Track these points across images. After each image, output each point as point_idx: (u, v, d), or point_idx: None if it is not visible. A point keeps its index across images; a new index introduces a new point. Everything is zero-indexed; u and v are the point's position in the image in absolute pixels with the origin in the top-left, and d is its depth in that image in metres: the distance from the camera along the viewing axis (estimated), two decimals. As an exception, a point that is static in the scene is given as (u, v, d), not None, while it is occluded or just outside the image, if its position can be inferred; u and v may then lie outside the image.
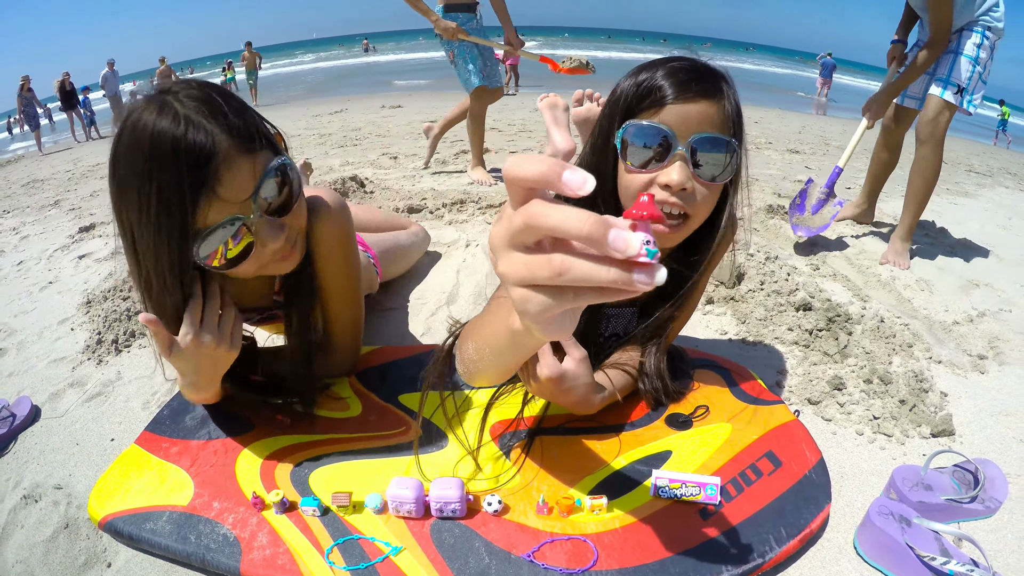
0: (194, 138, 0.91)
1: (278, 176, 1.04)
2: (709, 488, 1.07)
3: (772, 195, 3.66)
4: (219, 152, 0.93)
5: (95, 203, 3.99)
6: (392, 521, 1.07)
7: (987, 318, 2.14)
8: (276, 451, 1.23)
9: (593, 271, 0.42)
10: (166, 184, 0.91)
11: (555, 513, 1.06)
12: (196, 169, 0.92)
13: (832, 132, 8.12)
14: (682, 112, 1.01)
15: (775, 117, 9.81)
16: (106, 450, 1.41)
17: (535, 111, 7.89)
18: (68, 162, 6.84)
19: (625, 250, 0.41)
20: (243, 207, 0.99)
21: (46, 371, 1.76)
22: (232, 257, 1.03)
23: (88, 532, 1.17)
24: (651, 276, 0.42)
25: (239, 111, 0.99)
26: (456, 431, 1.27)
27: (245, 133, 0.98)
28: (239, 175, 0.97)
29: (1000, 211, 4.06)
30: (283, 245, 1.08)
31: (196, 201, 0.94)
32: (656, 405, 1.33)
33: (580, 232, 0.41)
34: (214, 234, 0.98)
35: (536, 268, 0.44)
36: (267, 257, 1.08)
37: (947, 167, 5.78)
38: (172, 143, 0.90)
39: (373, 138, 5.94)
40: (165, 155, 0.90)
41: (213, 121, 0.94)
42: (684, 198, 1.04)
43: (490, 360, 0.76)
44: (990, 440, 1.46)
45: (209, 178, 0.93)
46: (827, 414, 1.51)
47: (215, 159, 0.93)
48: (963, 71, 2.45)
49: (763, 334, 1.88)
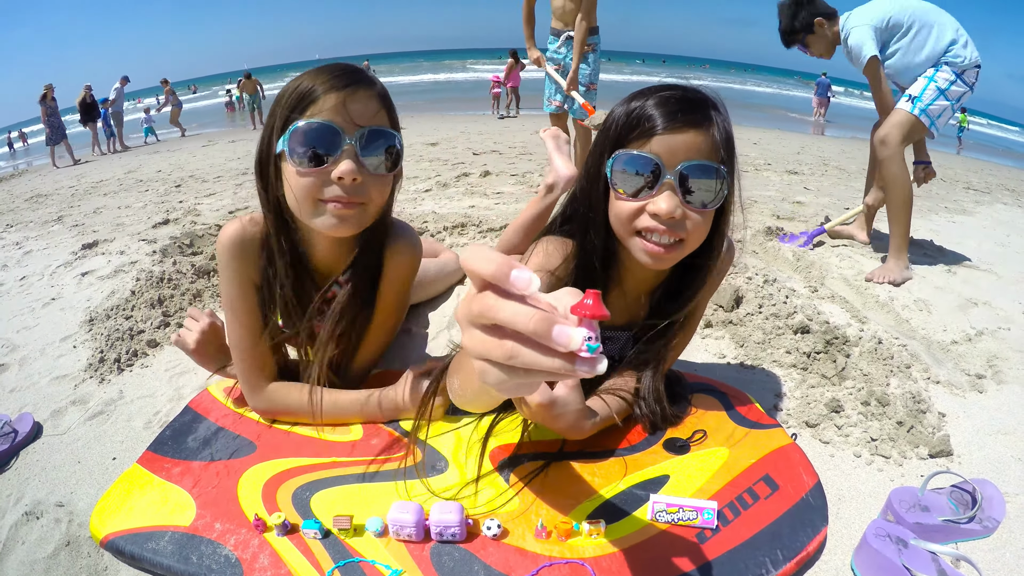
0: (351, 73, 1.14)
1: (389, 140, 1.16)
2: (706, 512, 1.08)
3: (771, 217, 3.68)
4: (363, 81, 1.14)
5: (98, 220, 4.01)
6: (393, 544, 1.07)
7: (985, 337, 2.14)
8: (278, 473, 1.24)
9: (538, 360, 0.47)
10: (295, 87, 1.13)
11: (554, 537, 1.07)
12: (340, 76, 1.12)
13: (831, 152, 8.17)
14: (670, 142, 1.04)
15: (774, 138, 9.88)
16: (108, 469, 1.41)
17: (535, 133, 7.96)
18: (72, 178, 6.90)
19: (568, 345, 0.45)
20: (348, 127, 1.10)
21: (48, 388, 1.77)
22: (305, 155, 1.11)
23: (90, 550, 1.17)
24: (592, 367, 0.47)
25: (392, 101, 1.21)
26: (457, 455, 1.29)
27: (387, 99, 1.18)
28: (366, 103, 1.13)
29: (998, 228, 4.08)
30: (349, 184, 1.11)
31: (317, 99, 1.10)
32: (653, 429, 1.34)
33: (526, 328, 0.46)
34: (318, 127, 1.10)
35: (491, 348, 0.48)
36: (318, 191, 1.12)
37: (945, 184, 5.82)
38: (329, 72, 1.13)
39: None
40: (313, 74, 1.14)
41: (372, 77, 1.17)
42: (674, 226, 1.07)
43: (473, 396, 0.78)
44: (988, 459, 1.47)
45: (341, 88, 1.10)
46: (825, 436, 1.51)
47: (360, 80, 1.13)
48: (917, 85, 2.66)
49: (761, 357, 1.89)
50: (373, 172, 1.14)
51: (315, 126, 1.09)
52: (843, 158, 7.45)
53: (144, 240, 3.19)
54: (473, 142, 7.33)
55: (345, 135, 1.09)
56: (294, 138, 1.10)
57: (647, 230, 1.08)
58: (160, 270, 2.53)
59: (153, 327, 2.09)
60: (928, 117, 2.64)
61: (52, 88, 11.45)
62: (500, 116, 12.54)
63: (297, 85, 1.14)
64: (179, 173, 6.22)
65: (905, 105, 2.66)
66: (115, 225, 3.78)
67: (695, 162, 1.04)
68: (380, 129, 1.14)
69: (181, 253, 2.90)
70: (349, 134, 1.10)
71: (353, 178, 1.10)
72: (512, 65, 13.28)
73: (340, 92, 1.09)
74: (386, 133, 1.15)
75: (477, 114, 13.51)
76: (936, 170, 3.14)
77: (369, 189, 1.15)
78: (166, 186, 5.33)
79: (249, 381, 1.36)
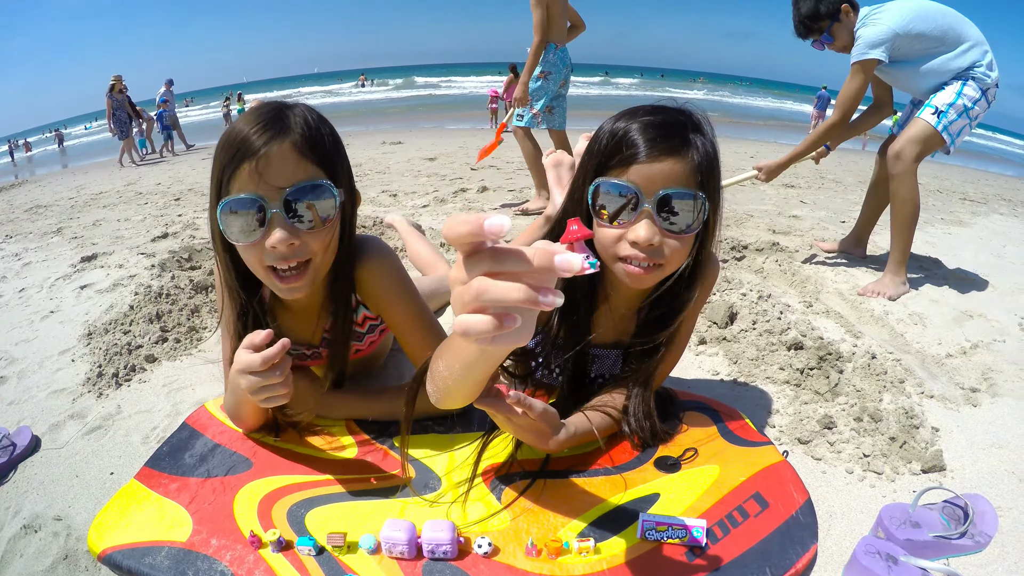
0: (267, 125, 1.07)
1: (316, 192, 1.11)
2: (696, 530, 1.09)
3: (767, 231, 3.69)
4: (277, 136, 1.07)
5: (97, 233, 4.02)
6: (385, 562, 1.08)
7: (980, 349, 2.15)
8: (273, 490, 1.25)
9: (505, 290, 0.52)
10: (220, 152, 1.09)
11: (544, 555, 1.07)
12: (253, 137, 1.06)
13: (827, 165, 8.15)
14: (648, 171, 1.07)
15: (771, 151, 9.89)
16: (106, 483, 1.42)
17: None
18: (71, 189, 6.91)
19: (571, 268, 0.52)
20: (271, 194, 1.07)
21: (47, 402, 1.78)
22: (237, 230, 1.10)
23: (87, 564, 1.18)
24: (554, 297, 0.53)
25: (322, 134, 1.14)
26: (449, 474, 1.30)
27: (310, 142, 1.10)
28: (282, 163, 1.07)
29: (994, 239, 4.08)
30: (285, 251, 1.10)
31: (236, 168, 1.06)
32: (643, 447, 1.35)
33: (531, 266, 0.53)
34: (238, 202, 1.08)
35: (500, 288, 0.53)
36: (263, 258, 1.12)
37: (941, 196, 5.83)
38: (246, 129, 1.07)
39: (373, 175, 5.98)
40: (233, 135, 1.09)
41: (290, 123, 1.09)
42: (653, 252, 1.10)
43: (460, 374, 0.80)
44: (982, 474, 1.47)
45: (253, 153, 1.05)
46: (817, 453, 1.52)
47: (274, 136, 1.07)
48: (946, 96, 2.52)
49: (755, 374, 1.90)
50: (308, 230, 1.12)
51: (237, 203, 1.08)
52: (840, 171, 7.45)
53: (143, 254, 3.20)
54: (471, 157, 7.33)
55: (269, 205, 1.07)
56: (223, 218, 1.10)
57: (629, 258, 1.12)
58: (159, 285, 2.54)
59: (151, 342, 2.10)
60: (949, 135, 2.53)
61: (121, 80, 10.53)
62: (499, 131, 12.57)
63: (220, 154, 1.11)
64: (179, 186, 6.23)
65: (930, 118, 2.52)
66: (114, 238, 3.79)
67: (672, 190, 1.07)
68: (303, 185, 1.09)
69: (180, 267, 2.91)
70: (272, 201, 1.08)
71: (289, 244, 1.10)
72: (512, 79, 13.34)
73: (252, 160, 1.06)
74: (311, 186, 1.10)
75: (476, 128, 13.54)
76: (932, 181, 3.10)
77: (309, 245, 1.14)
78: (165, 199, 5.34)
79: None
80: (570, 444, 1.25)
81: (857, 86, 2.60)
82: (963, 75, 2.53)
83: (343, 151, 1.21)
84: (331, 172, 1.15)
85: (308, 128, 1.12)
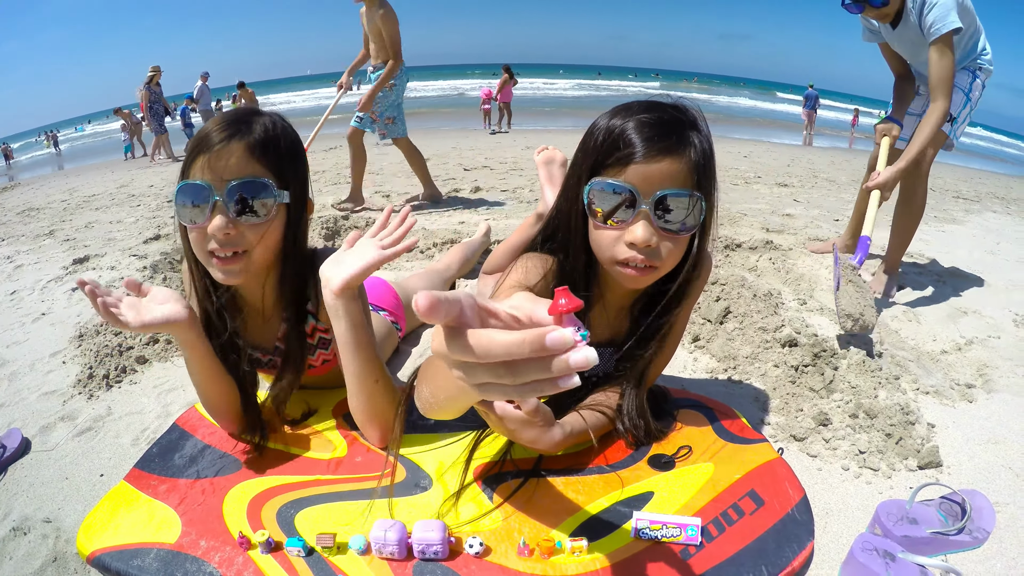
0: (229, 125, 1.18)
1: (259, 189, 1.20)
2: (690, 529, 1.07)
3: (760, 230, 3.69)
4: (237, 134, 1.17)
5: (90, 235, 4.01)
6: (375, 562, 1.07)
7: (975, 346, 2.15)
8: (262, 491, 1.24)
9: (541, 371, 0.49)
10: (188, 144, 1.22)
11: (536, 555, 1.06)
12: (216, 132, 1.17)
13: (821, 164, 8.20)
14: (645, 171, 1.05)
15: (764, 151, 9.94)
16: (95, 485, 1.42)
17: (526, 149, 7.98)
18: (64, 192, 6.87)
19: (564, 345, 0.47)
20: (216, 184, 1.17)
21: (37, 404, 1.78)
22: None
23: (76, 567, 1.18)
24: (586, 357, 0.48)
25: (279, 141, 1.23)
26: (441, 474, 1.28)
27: (265, 146, 1.20)
28: (234, 158, 1.17)
29: (988, 236, 4.10)
30: (222, 238, 1.18)
31: (195, 159, 1.17)
32: (637, 445, 1.34)
33: (523, 353, 0.48)
34: (189, 187, 1.17)
35: (494, 384, 0.51)
36: (210, 245, 1.20)
37: (934, 194, 5.84)
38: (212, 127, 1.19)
39: (366, 176, 5.92)
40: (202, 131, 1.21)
41: (251, 127, 1.19)
42: (650, 253, 1.09)
43: (445, 403, 0.79)
44: (979, 469, 1.47)
45: (210, 147, 1.16)
46: (812, 450, 1.51)
47: (234, 135, 1.17)
48: (956, 102, 2.42)
49: (749, 371, 1.89)
50: (246, 222, 1.20)
51: (189, 187, 1.17)
52: (833, 169, 7.49)
53: (135, 255, 3.20)
54: (464, 158, 7.35)
55: (214, 192, 1.16)
56: (178, 199, 1.20)
57: (626, 260, 1.10)
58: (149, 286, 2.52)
59: (142, 343, 2.09)
60: (955, 136, 2.50)
61: (160, 71, 10.34)
62: (492, 131, 12.56)
63: (188, 145, 1.24)
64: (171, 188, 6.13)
65: (946, 127, 2.41)
66: (106, 240, 3.79)
67: (670, 191, 1.05)
68: (247, 181, 1.18)
69: (171, 269, 2.91)
70: (218, 190, 1.17)
71: (225, 232, 1.17)
72: (506, 80, 13.34)
73: (208, 153, 1.16)
74: (255, 183, 1.19)
75: (469, 129, 13.53)
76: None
77: (246, 236, 1.21)
78: (158, 201, 5.33)
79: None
80: (566, 444, 1.24)
81: (951, 60, 2.27)
82: (972, 65, 2.46)
83: (300, 161, 1.30)
84: (279, 176, 1.23)
85: (266, 133, 1.22)
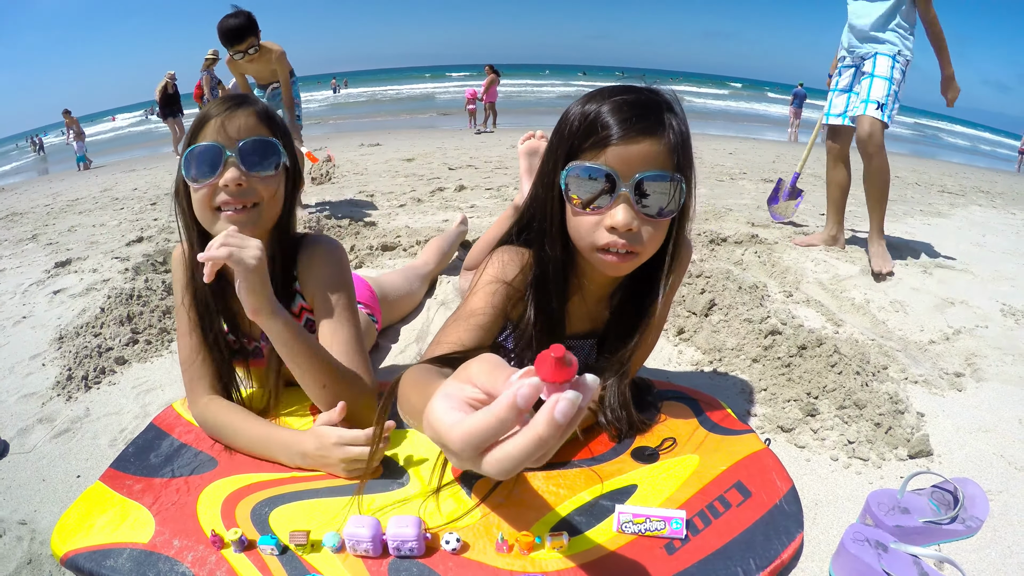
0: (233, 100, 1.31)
1: (268, 146, 1.29)
2: (674, 522, 1.04)
3: (746, 224, 3.68)
4: (243, 104, 1.29)
5: (72, 238, 3.96)
6: (350, 560, 1.04)
7: (963, 335, 2.14)
8: (237, 489, 1.21)
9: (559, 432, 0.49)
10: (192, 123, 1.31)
11: (515, 551, 1.03)
12: (221, 103, 1.29)
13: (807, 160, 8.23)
14: (624, 153, 1.02)
15: (749, 148, 9.97)
16: (72, 487, 1.40)
17: (511, 148, 7.96)
18: (47, 196, 6.79)
19: (572, 410, 0.48)
20: (228, 143, 1.25)
21: (16, 406, 1.75)
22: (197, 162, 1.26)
23: (51, 568, 1.16)
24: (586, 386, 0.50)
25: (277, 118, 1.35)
26: (418, 469, 1.25)
27: (267, 116, 1.31)
28: (243, 120, 1.27)
29: (973, 229, 4.12)
30: (235, 189, 1.24)
31: (203, 126, 1.26)
32: (620, 437, 1.31)
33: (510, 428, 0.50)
34: (201, 148, 1.25)
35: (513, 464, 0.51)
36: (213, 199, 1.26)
37: (920, 188, 5.90)
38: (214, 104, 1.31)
39: (351, 176, 5.92)
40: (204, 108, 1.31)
41: (251, 101, 1.32)
42: (631, 238, 1.05)
43: None
44: (970, 457, 1.45)
45: (219, 114, 1.26)
46: (800, 441, 1.49)
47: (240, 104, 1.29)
48: (880, 90, 2.81)
49: (735, 363, 1.87)
50: (258, 176, 1.28)
51: (201, 148, 1.25)
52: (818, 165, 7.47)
53: (117, 258, 3.16)
54: (449, 157, 7.33)
55: (226, 149, 1.24)
56: (187, 162, 1.26)
57: (607, 245, 1.06)
58: (131, 287, 2.51)
59: (122, 344, 2.07)
60: (890, 119, 2.83)
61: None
62: (477, 131, 12.53)
63: (191, 124, 1.32)
64: (155, 191, 6.14)
65: (876, 113, 2.79)
66: (89, 243, 3.74)
67: (650, 172, 1.02)
68: (258, 139, 1.27)
69: (154, 271, 2.88)
70: (230, 148, 1.25)
71: (238, 183, 1.24)
72: (492, 80, 13.33)
73: (219, 117, 1.26)
74: (265, 141, 1.28)
75: (454, 129, 13.51)
76: (911, 174, 3.28)
77: (257, 189, 1.28)
78: (141, 204, 5.27)
79: (190, 388, 1.39)
80: None
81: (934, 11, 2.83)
82: (894, 49, 2.83)
83: (290, 140, 1.37)
84: (282, 143, 1.33)
85: (266, 108, 1.34)
